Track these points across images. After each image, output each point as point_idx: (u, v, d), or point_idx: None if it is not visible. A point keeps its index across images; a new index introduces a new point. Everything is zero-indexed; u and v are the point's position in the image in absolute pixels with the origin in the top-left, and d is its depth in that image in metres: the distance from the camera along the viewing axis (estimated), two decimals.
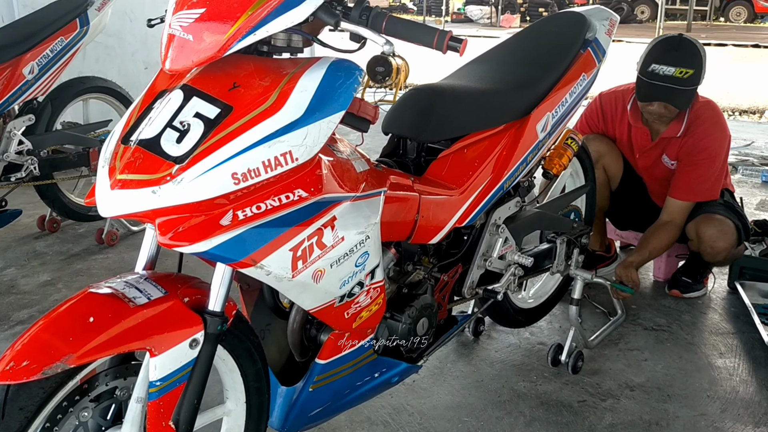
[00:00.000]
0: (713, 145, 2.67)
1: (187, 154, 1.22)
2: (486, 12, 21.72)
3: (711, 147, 2.67)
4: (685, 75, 2.50)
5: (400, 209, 1.63)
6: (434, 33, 1.31)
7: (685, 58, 2.52)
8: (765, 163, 4.77)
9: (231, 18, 1.25)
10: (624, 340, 2.56)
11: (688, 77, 2.51)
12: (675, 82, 2.51)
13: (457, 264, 1.92)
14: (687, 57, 2.53)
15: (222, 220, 1.23)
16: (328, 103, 1.28)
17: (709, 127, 2.67)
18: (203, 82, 1.29)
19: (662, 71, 2.51)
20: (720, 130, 2.70)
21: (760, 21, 21.43)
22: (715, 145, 2.67)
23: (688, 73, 2.50)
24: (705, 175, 2.68)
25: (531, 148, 1.97)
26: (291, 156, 1.25)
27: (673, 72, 2.50)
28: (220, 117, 1.24)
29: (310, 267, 1.34)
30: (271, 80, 1.28)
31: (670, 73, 2.50)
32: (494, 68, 2.06)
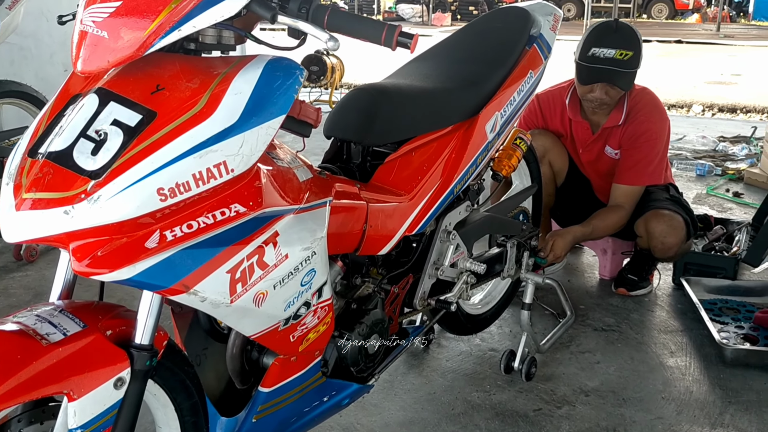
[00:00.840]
0: (653, 128, 2.66)
1: (105, 167, 1.07)
2: (417, 11, 21.75)
3: (651, 129, 2.65)
4: (626, 57, 2.49)
5: (347, 220, 1.51)
6: (382, 28, 1.19)
7: (624, 40, 2.51)
8: (698, 157, 4.85)
9: (152, 12, 1.10)
10: (575, 342, 2.51)
11: (628, 59, 2.50)
12: (616, 64, 2.49)
13: (408, 274, 1.81)
14: (626, 39, 2.52)
15: (147, 242, 1.08)
16: (267, 106, 1.15)
17: (649, 111, 2.67)
18: (122, 85, 1.13)
19: (603, 54, 2.49)
20: (659, 113, 2.69)
21: (681, 17, 22.21)
22: (655, 128, 2.66)
23: (628, 55, 2.49)
24: (648, 158, 2.66)
25: (481, 149, 1.88)
26: (226, 167, 1.11)
27: (613, 54, 2.48)
28: (141, 124, 1.09)
29: (251, 290, 1.21)
30: (201, 82, 1.14)
31: (611, 55, 2.48)
32: (439, 66, 1.96)
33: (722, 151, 4.99)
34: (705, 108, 7.66)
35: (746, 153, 4.86)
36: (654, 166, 2.66)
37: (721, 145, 5.09)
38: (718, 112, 7.59)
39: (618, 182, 2.68)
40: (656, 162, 2.66)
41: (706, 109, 7.64)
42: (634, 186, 2.66)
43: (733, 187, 4.22)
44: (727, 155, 4.89)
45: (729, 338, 2.46)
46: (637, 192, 2.67)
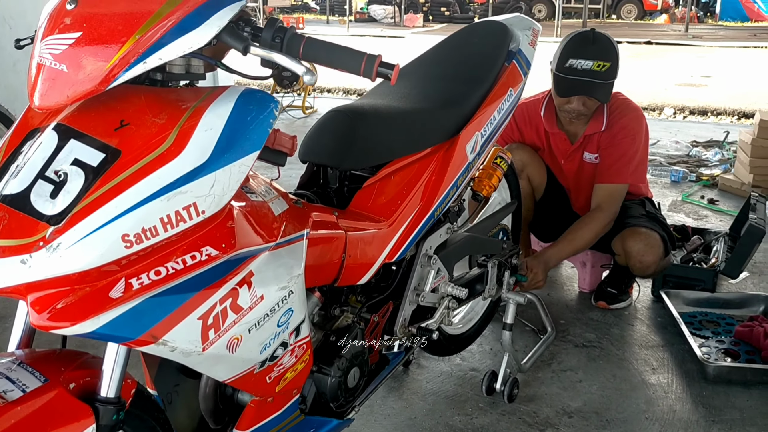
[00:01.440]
0: (631, 124, 2.61)
1: (65, 212, 0.99)
2: (389, 11, 21.70)
3: (629, 126, 2.61)
4: (603, 68, 2.44)
5: (325, 251, 1.44)
6: (361, 58, 1.13)
7: (602, 51, 2.47)
8: (672, 162, 4.86)
9: (115, 43, 1.02)
10: (557, 360, 2.47)
11: (606, 70, 2.45)
12: (594, 76, 2.45)
13: (388, 301, 1.75)
14: (603, 50, 2.48)
15: (111, 291, 1.00)
16: (239, 142, 1.08)
17: (624, 110, 2.63)
18: (83, 121, 1.06)
19: (580, 65, 2.44)
20: (634, 110, 2.65)
21: (649, 18, 22.43)
22: (632, 124, 2.61)
23: (605, 66, 2.45)
24: (628, 154, 2.60)
25: (461, 171, 1.83)
26: (196, 209, 1.04)
27: (591, 65, 2.43)
28: (104, 164, 1.02)
29: (225, 335, 1.14)
30: (168, 116, 1.06)
31: (589, 67, 2.43)
32: (417, 84, 1.91)
33: (696, 156, 5.00)
34: (676, 111, 7.72)
35: (719, 158, 4.89)
36: (635, 164, 2.60)
37: (695, 150, 5.11)
38: (689, 114, 7.65)
39: (599, 182, 2.61)
40: (637, 159, 2.60)
41: (678, 112, 7.70)
42: (616, 184, 2.58)
43: (707, 194, 4.23)
44: (701, 160, 4.90)
45: (710, 353, 2.44)
46: (620, 192, 2.59)
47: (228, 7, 1.07)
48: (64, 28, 1.03)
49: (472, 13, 22.04)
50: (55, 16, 1.05)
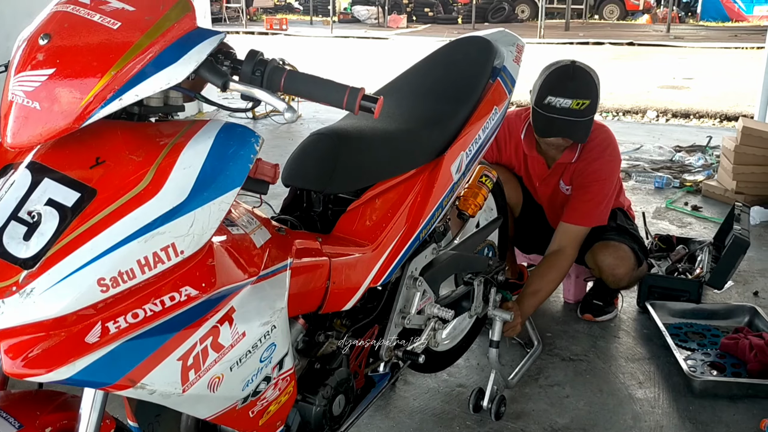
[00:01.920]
0: (603, 167, 2.57)
1: (38, 255, 0.96)
2: (373, 12, 21.69)
3: (601, 170, 2.56)
4: (582, 106, 2.39)
5: (309, 279, 1.42)
6: (344, 91, 1.10)
7: (581, 89, 2.41)
8: (655, 168, 4.87)
9: (89, 79, 0.99)
10: (543, 375, 2.46)
11: (585, 108, 2.40)
12: (573, 114, 2.39)
13: (373, 325, 1.72)
14: (582, 87, 2.42)
15: (87, 336, 0.97)
16: (219, 180, 1.05)
17: (600, 151, 2.57)
18: (57, 158, 1.02)
19: (559, 104, 2.39)
20: (610, 153, 2.60)
21: (631, 18, 22.59)
22: (605, 168, 2.57)
23: (584, 104, 2.39)
24: (595, 199, 2.56)
25: (446, 191, 1.81)
26: (174, 249, 1.01)
27: (570, 104, 2.37)
28: (80, 204, 0.99)
29: (205, 375, 1.11)
30: (146, 153, 1.03)
31: (567, 106, 2.38)
32: (401, 103, 1.88)
33: (679, 162, 5.02)
34: (659, 114, 7.76)
35: (702, 163, 4.91)
36: (602, 208, 2.57)
37: (678, 156, 5.13)
38: (671, 117, 7.70)
39: (565, 220, 2.57)
40: (604, 204, 2.57)
41: (660, 115, 7.75)
42: (580, 226, 2.56)
43: (691, 200, 4.25)
44: (684, 166, 4.93)
45: (696, 367, 2.44)
46: (582, 233, 2.56)
47: (206, 41, 1.05)
48: (36, 64, 1.00)
49: (456, 14, 22.09)
50: (27, 50, 1.01)
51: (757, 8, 21.34)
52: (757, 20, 20.74)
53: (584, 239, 2.59)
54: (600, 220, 2.59)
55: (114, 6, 1.04)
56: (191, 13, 1.07)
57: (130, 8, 1.04)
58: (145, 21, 1.03)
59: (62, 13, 1.04)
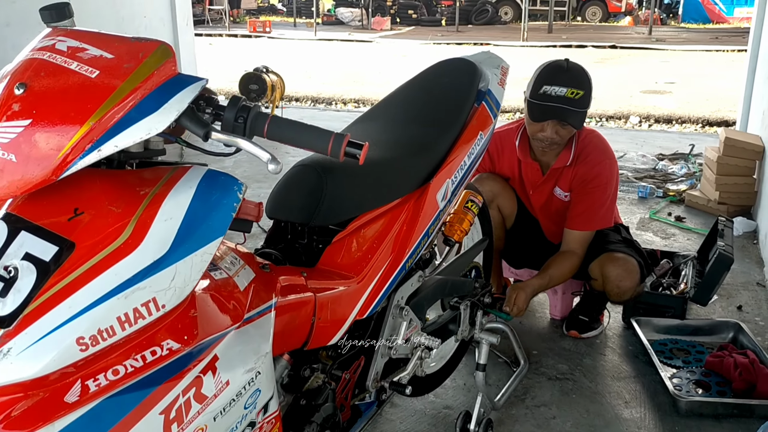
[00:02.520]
0: (604, 172, 2.63)
1: (16, 313, 0.93)
2: (357, 14, 21.63)
3: (602, 174, 2.63)
4: (577, 96, 2.45)
5: (294, 316, 1.40)
6: (329, 137, 1.09)
7: (575, 80, 2.48)
8: (639, 177, 4.89)
9: (67, 130, 0.97)
10: (530, 395, 2.45)
11: (579, 98, 2.46)
12: (568, 103, 2.45)
13: (359, 356, 1.71)
14: (576, 79, 2.49)
15: (67, 396, 0.95)
16: (201, 230, 1.03)
17: (599, 155, 2.64)
18: (34, 210, 1.00)
19: (554, 92, 2.45)
20: (608, 158, 2.67)
21: (614, 20, 22.71)
22: (605, 173, 2.64)
23: (579, 94, 2.46)
24: (598, 203, 2.64)
25: (432, 220, 1.80)
26: (156, 304, 0.99)
27: (565, 92, 2.44)
28: (58, 258, 0.96)
29: (189, 428, 1.08)
30: (125, 204, 1.01)
31: (563, 94, 2.44)
32: (387, 129, 1.87)
33: (662, 170, 5.05)
34: (642, 119, 7.81)
35: (685, 172, 4.94)
36: (604, 211, 2.64)
37: (661, 164, 5.16)
38: (654, 123, 7.75)
39: (570, 227, 2.64)
40: (606, 206, 2.64)
41: (643, 120, 7.79)
42: (586, 231, 2.62)
43: (674, 210, 4.27)
44: (667, 174, 4.95)
45: (682, 385, 2.45)
46: (588, 237, 2.64)
47: (187, 89, 1.03)
48: (12, 114, 0.97)
49: (439, 16, 22.10)
50: (3, 100, 0.99)
51: (737, 10, 21.53)
52: (737, 22, 20.93)
53: (589, 247, 2.66)
54: (604, 224, 2.66)
55: (92, 53, 1.01)
56: (172, 58, 1.05)
57: (109, 56, 1.02)
58: (124, 69, 1.01)
59: (39, 61, 1.01)
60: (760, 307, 3.08)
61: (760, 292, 3.22)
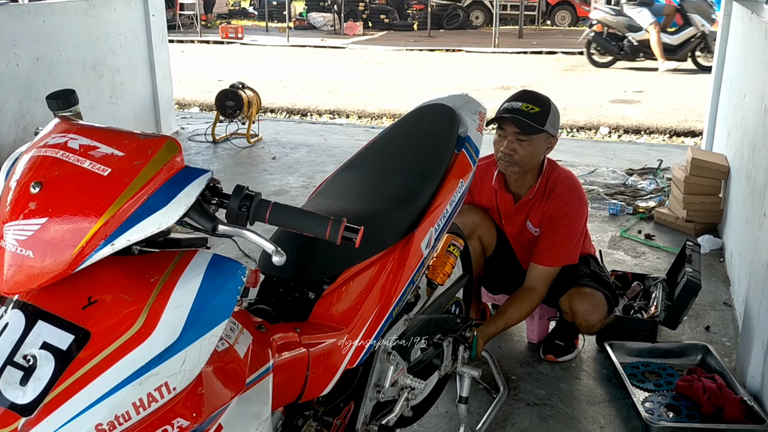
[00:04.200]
0: (572, 212, 2.72)
1: (36, 401, 1.00)
2: (329, 19, 21.64)
3: (570, 214, 2.72)
4: (531, 110, 2.59)
5: (290, 373, 1.47)
6: (327, 222, 1.16)
7: (533, 98, 2.65)
8: (609, 193, 5.03)
9: (81, 228, 1.03)
10: (510, 422, 2.55)
11: (534, 113, 2.59)
12: (522, 114, 2.59)
13: (349, 401, 1.78)
14: (534, 98, 2.65)
15: None
16: (209, 315, 1.10)
17: (569, 195, 2.73)
18: (49, 300, 1.06)
19: (511, 106, 2.62)
20: (579, 198, 2.75)
21: (582, 23, 23.02)
22: (573, 212, 2.73)
23: (534, 109, 2.59)
24: (565, 241, 2.72)
25: (417, 267, 1.88)
26: (167, 387, 1.06)
27: (520, 105, 2.60)
28: (74, 347, 1.03)
29: None
30: (137, 293, 1.07)
31: (518, 107, 2.60)
32: (370, 180, 1.94)
33: (632, 186, 5.19)
34: (611, 130, 7.98)
35: (654, 187, 5.09)
36: (570, 249, 2.72)
37: (630, 179, 5.30)
38: (623, 133, 7.93)
39: (535, 262, 2.73)
40: (573, 245, 2.73)
41: (612, 131, 7.97)
42: (550, 267, 2.71)
43: (644, 228, 4.41)
44: (637, 190, 5.10)
45: (654, 409, 2.57)
46: (553, 273, 2.72)
47: (194, 183, 1.09)
48: (28, 213, 1.03)
49: (411, 20, 22.21)
50: (18, 198, 1.05)
51: None
52: None
53: (558, 281, 2.75)
54: (569, 260, 2.75)
55: (103, 152, 1.08)
56: (179, 153, 1.11)
57: (120, 153, 1.08)
58: (134, 166, 1.07)
59: (52, 159, 1.07)
60: (727, 328, 3.21)
61: (727, 312, 3.36)
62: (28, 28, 5.25)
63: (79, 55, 5.72)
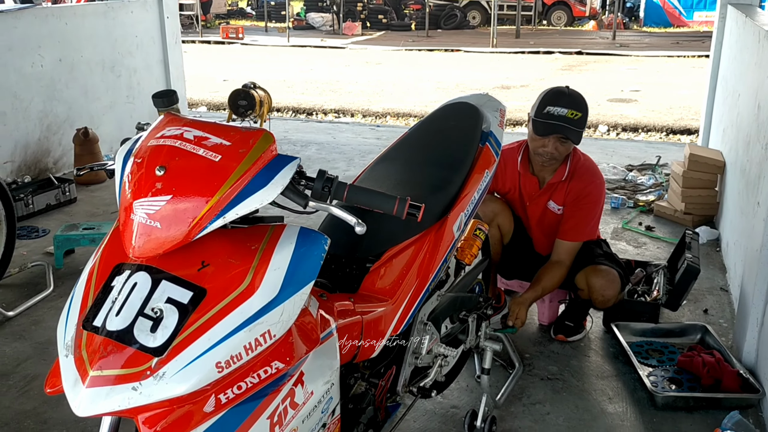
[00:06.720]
0: (594, 191, 2.99)
1: (165, 344, 1.22)
2: (327, 19, 21.85)
3: (593, 193, 2.99)
4: (576, 116, 2.81)
5: (348, 336, 1.69)
6: (394, 201, 1.39)
7: (575, 103, 2.85)
8: (611, 188, 5.27)
9: (199, 203, 1.26)
10: (526, 394, 2.78)
11: (577, 119, 2.82)
12: (568, 122, 2.81)
13: (391, 366, 2.01)
14: (576, 102, 2.86)
15: (205, 407, 1.24)
16: (299, 276, 1.32)
17: (591, 176, 3.00)
18: (169, 263, 1.28)
19: (557, 112, 2.81)
20: (599, 178, 3.03)
21: (578, 23, 23.29)
22: (596, 191, 3.00)
23: (578, 115, 2.81)
24: (588, 217, 3.00)
25: (449, 248, 2.10)
26: (270, 334, 1.29)
27: (566, 113, 2.80)
28: (194, 302, 1.25)
29: (286, 429, 1.38)
30: (242, 258, 1.30)
31: (564, 114, 2.80)
32: (406, 170, 2.17)
33: (632, 181, 5.43)
34: (610, 128, 8.23)
35: (653, 182, 5.33)
36: (592, 225, 3.00)
37: (630, 175, 5.54)
38: (621, 131, 8.17)
39: (561, 238, 2.98)
40: (594, 221, 3.00)
41: (611, 129, 8.21)
42: (575, 242, 2.97)
43: (644, 220, 4.65)
44: (636, 185, 5.33)
45: (657, 382, 2.80)
46: (576, 247, 2.98)
47: (287, 168, 1.32)
48: (156, 192, 1.25)
49: (409, 20, 22.44)
50: (146, 179, 1.27)
51: (696, 14, 22.27)
52: (696, 25, 21.66)
53: (574, 261, 2.99)
54: (591, 236, 3.03)
55: (214, 141, 1.30)
56: (273, 143, 1.34)
57: (227, 143, 1.31)
58: (239, 153, 1.30)
59: (170, 147, 1.30)
60: (724, 310, 3.45)
61: (723, 297, 3.60)
62: (52, 30, 5.46)
63: (99, 56, 5.94)
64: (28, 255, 4.08)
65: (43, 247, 4.19)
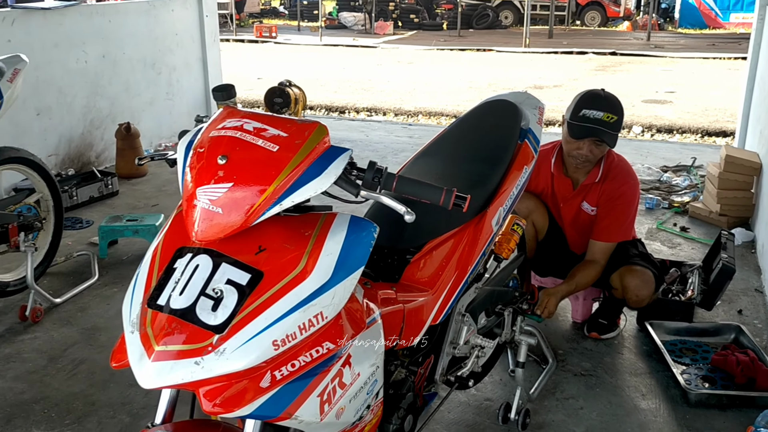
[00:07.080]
0: (629, 191, 3.02)
1: (226, 323, 1.29)
2: (360, 18, 21.98)
3: (627, 193, 3.01)
4: (611, 120, 2.84)
5: (391, 324, 1.76)
6: (441, 191, 1.45)
7: (611, 106, 2.88)
8: (645, 189, 5.26)
9: (258, 190, 1.33)
10: (559, 389, 2.82)
11: (613, 122, 2.85)
12: (604, 125, 2.84)
13: (429, 355, 2.07)
14: (612, 105, 2.88)
15: (261, 382, 1.31)
16: (350, 262, 1.39)
17: (625, 176, 3.03)
18: (228, 247, 1.36)
19: (593, 115, 2.84)
20: (633, 178, 3.06)
21: (612, 24, 23.11)
22: (630, 192, 3.02)
23: (613, 119, 2.84)
24: (622, 218, 3.02)
25: (488, 241, 2.16)
26: (322, 316, 1.35)
27: (601, 116, 2.83)
28: (252, 284, 1.32)
29: (335, 407, 1.45)
30: (296, 244, 1.37)
31: (600, 117, 2.83)
32: (447, 165, 2.23)
33: (667, 182, 5.42)
34: (644, 129, 8.18)
35: (688, 184, 5.31)
36: (626, 226, 3.02)
37: (665, 176, 5.52)
38: (656, 132, 8.12)
39: (595, 239, 3.01)
40: (628, 221, 3.02)
41: (646, 130, 8.17)
42: (609, 243, 2.99)
43: (679, 221, 4.64)
44: (671, 186, 5.32)
45: (691, 380, 2.82)
46: (611, 248, 3.01)
47: (340, 158, 1.39)
48: (218, 179, 1.33)
49: (440, 20, 22.47)
50: (208, 167, 1.34)
51: (733, 15, 21.95)
52: (733, 27, 21.34)
53: (609, 260, 3.01)
54: (625, 236, 3.05)
55: (272, 133, 1.37)
56: (326, 135, 1.41)
57: (284, 134, 1.38)
58: (295, 144, 1.37)
59: (231, 138, 1.37)
60: (758, 311, 3.45)
61: (758, 298, 3.59)
62: (96, 27, 5.62)
63: (140, 53, 6.08)
64: (73, 245, 4.22)
65: (87, 238, 4.33)
